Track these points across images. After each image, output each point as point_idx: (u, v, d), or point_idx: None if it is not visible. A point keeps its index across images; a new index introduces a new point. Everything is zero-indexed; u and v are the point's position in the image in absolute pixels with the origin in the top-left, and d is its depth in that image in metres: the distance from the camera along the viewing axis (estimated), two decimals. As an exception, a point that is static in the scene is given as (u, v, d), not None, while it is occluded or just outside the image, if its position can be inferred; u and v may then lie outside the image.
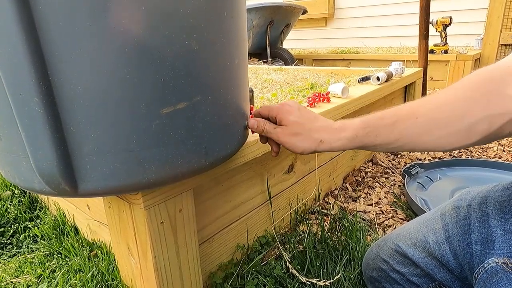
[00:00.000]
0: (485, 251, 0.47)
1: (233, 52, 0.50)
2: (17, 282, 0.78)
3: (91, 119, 0.39)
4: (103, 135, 0.40)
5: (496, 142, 1.57)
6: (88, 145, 0.40)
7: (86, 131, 0.40)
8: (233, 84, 0.51)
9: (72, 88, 0.37)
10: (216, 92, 0.48)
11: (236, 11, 0.49)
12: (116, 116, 0.40)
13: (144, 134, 0.42)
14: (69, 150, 0.40)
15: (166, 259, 0.60)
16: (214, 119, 0.48)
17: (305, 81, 1.54)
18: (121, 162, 0.42)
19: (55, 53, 0.36)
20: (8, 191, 1.11)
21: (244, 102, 0.57)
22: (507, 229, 0.46)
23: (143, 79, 0.40)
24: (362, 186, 1.22)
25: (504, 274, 0.43)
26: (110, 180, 0.43)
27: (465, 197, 0.55)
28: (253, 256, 0.82)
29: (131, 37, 0.38)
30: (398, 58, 2.18)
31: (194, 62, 0.43)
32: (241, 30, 0.52)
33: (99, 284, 0.73)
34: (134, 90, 0.39)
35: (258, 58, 3.38)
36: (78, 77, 0.37)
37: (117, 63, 0.38)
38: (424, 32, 1.72)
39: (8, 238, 0.96)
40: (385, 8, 3.55)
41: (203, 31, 0.43)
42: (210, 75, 0.46)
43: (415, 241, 0.58)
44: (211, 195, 0.72)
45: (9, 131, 0.41)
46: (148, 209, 0.55)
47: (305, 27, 4.23)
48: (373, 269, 0.66)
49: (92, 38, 0.36)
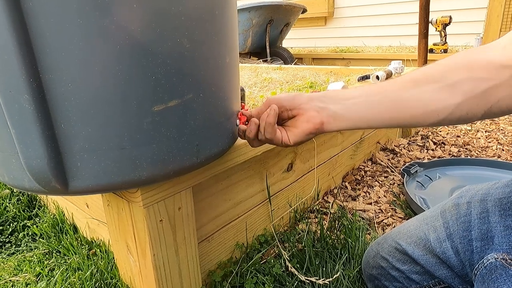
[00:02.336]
0: (485, 247, 0.47)
1: (225, 51, 0.50)
2: (16, 280, 0.78)
3: (82, 116, 0.39)
4: (94, 132, 0.40)
5: (495, 141, 1.57)
6: (79, 143, 0.40)
7: (77, 128, 0.39)
8: (224, 82, 0.52)
9: (63, 85, 0.37)
10: (208, 90, 0.48)
11: (227, 10, 0.49)
12: (108, 113, 0.40)
13: (135, 131, 0.42)
14: (60, 147, 0.40)
15: (165, 258, 0.60)
16: (206, 116, 0.48)
17: (305, 80, 1.54)
18: (112, 160, 0.42)
19: (46, 50, 0.36)
20: (6, 190, 1.11)
21: (235, 100, 0.57)
22: (507, 225, 0.46)
23: (135, 77, 0.39)
24: (362, 185, 1.22)
25: (503, 269, 0.43)
26: (101, 178, 0.43)
27: (465, 194, 0.55)
28: (252, 255, 0.82)
29: (123, 34, 0.37)
30: (398, 57, 2.18)
31: (185, 60, 0.43)
32: (232, 29, 0.52)
33: (98, 282, 0.73)
34: (125, 87, 0.39)
35: (258, 57, 3.38)
36: (69, 74, 0.37)
37: (108, 60, 0.38)
38: (424, 31, 1.72)
39: (7, 237, 0.96)
40: (385, 7, 3.55)
41: (195, 29, 0.43)
42: (201, 73, 0.46)
43: (415, 239, 0.58)
44: (210, 193, 0.72)
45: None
46: (147, 207, 0.55)
47: (305, 26, 4.22)
48: (373, 267, 0.67)
49: (83, 36, 0.36)
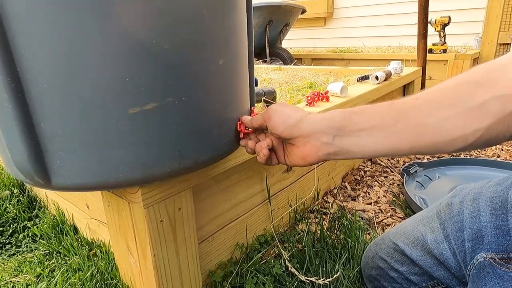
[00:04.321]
0: (475, 247, 0.47)
1: (216, 53, 0.47)
2: (17, 281, 0.78)
3: (58, 116, 0.40)
4: (72, 132, 0.41)
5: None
6: (57, 142, 0.41)
7: (55, 128, 0.41)
8: (216, 86, 0.48)
9: (39, 86, 0.38)
10: (193, 94, 0.45)
11: (222, 8, 0.46)
12: (83, 114, 0.40)
13: (112, 133, 0.41)
14: (41, 145, 0.41)
15: (165, 258, 0.60)
16: (190, 122, 0.46)
17: (304, 80, 1.54)
18: (90, 160, 0.42)
19: (22, 50, 0.37)
20: (7, 191, 1.11)
21: (235, 105, 0.54)
22: (497, 224, 0.46)
23: (108, 78, 0.39)
24: (361, 185, 1.22)
25: (491, 268, 0.43)
26: (80, 177, 0.43)
27: (458, 193, 0.55)
28: (252, 255, 0.82)
29: (95, 37, 0.38)
30: (397, 58, 2.18)
31: (163, 62, 0.41)
32: (231, 28, 0.49)
33: (98, 283, 0.73)
34: (99, 89, 0.40)
35: (257, 57, 3.38)
36: (44, 75, 0.38)
37: (81, 61, 0.38)
38: (423, 31, 1.72)
39: (7, 238, 0.96)
40: (384, 7, 3.56)
41: (175, 29, 0.41)
42: (183, 76, 0.44)
43: (413, 240, 0.58)
44: (210, 193, 0.73)
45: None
46: (148, 207, 0.55)
47: (304, 27, 4.22)
48: (372, 268, 0.67)
49: (57, 36, 0.37)
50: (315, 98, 1.04)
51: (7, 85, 0.37)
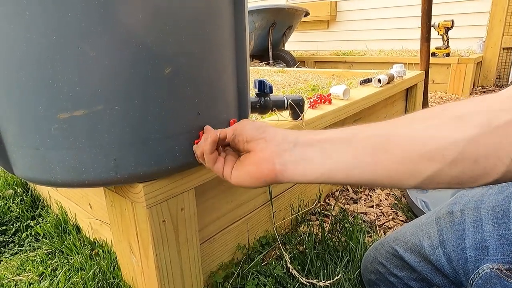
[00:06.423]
0: (480, 257, 0.47)
1: (161, 61, 0.43)
2: (19, 280, 0.79)
3: (4, 114, 0.46)
4: (15, 130, 0.46)
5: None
6: (10, 137, 0.47)
7: (5, 124, 0.47)
8: (158, 96, 0.45)
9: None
10: (128, 102, 0.43)
11: (176, 7, 0.43)
12: (19, 115, 0.44)
13: (45, 135, 0.44)
14: (3, 138, 0.49)
15: (167, 258, 0.61)
16: (126, 131, 0.44)
17: (307, 83, 1.55)
18: (31, 158, 0.47)
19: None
20: (10, 190, 1.12)
21: (188, 116, 0.49)
22: (501, 234, 0.46)
23: (37, 83, 0.41)
24: (363, 188, 1.22)
25: (498, 280, 0.43)
26: (29, 172, 0.48)
27: (459, 201, 0.55)
28: (253, 256, 0.83)
29: (20, 40, 0.39)
30: (400, 61, 2.19)
31: (91, 69, 0.40)
32: (184, 35, 0.44)
33: (100, 282, 0.74)
34: (30, 92, 0.42)
35: (260, 59, 3.39)
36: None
37: (11, 65, 0.41)
38: (426, 35, 1.72)
39: (10, 236, 0.96)
40: (387, 11, 3.56)
41: (100, 33, 0.39)
42: (116, 84, 0.41)
43: (411, 245, 0.58)
44: (213, 194, 0.73)
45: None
46: (150, 207, 0.55)
47: (307, 30, 4.24)
48: (371, 272, 0.67)
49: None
50: (317, 101, 1.04)
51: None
